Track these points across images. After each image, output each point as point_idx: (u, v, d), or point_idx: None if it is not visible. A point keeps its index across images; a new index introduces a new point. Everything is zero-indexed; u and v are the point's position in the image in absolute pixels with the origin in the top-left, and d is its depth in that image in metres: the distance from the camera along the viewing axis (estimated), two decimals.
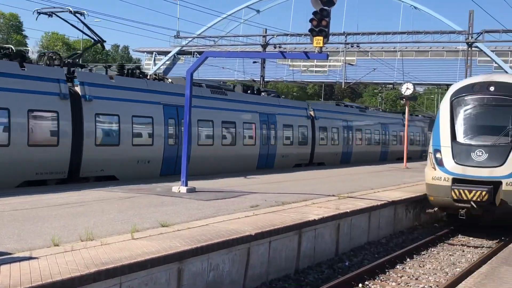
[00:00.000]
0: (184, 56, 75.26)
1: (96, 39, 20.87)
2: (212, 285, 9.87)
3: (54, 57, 19.56)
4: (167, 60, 75.90)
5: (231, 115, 24.81)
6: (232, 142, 24.88)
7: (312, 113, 31.82)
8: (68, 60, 20.00)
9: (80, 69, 19.68)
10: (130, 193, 15.30)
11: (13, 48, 18.31)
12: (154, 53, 79.36)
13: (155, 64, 77.01)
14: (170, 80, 24.33)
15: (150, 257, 8.41)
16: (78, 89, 18.19)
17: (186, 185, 16.08)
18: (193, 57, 69.50)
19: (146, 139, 20.45)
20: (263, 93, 29.88)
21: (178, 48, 72.17)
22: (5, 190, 14.93)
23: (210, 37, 63.12)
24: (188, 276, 9.28)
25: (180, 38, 59.26)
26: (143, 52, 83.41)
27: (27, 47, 63.52)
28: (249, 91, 28.61)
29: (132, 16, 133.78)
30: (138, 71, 22.38)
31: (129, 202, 13.67)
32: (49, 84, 17.16)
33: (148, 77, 22.81)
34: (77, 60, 21.02)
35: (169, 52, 75.44)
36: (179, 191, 15.90)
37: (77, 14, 19.81)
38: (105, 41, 21.22)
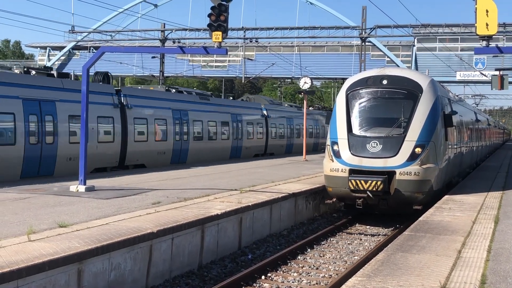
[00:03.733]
0: (80, 51, 73.13)
1: None
2: (114, 285, 9.69)
3: None
4: (62, 55, 73.53)
5: None
6: None
7: (124, 100, 24.63)
8: None
9: None
10: (25, 194, 14.74)
11: None
12: (48, 48, 76.62)
13: (49, 60, 74.42)
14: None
15: (48, 259, 8.15)
16: None
17: (85, 183, 15.67)
18: (89, 52, 67.61)
19: None
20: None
21: (73, 43, 70.03)
22: None
23: (107, 31, 61.74)
24: (88, 276, 9.07)
25: (75, 33, 57.63)
26: (36, 47, 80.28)
27: None
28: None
29: (23, 10, 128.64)
30: None
31: (25, 203, 13.17)
32: None
33: None
34: None
35: (64, 47, 73.08)
36: (77, 190, 15.48)
37: None
38: None
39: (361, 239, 15.98)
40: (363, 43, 49.73)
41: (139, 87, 31.73)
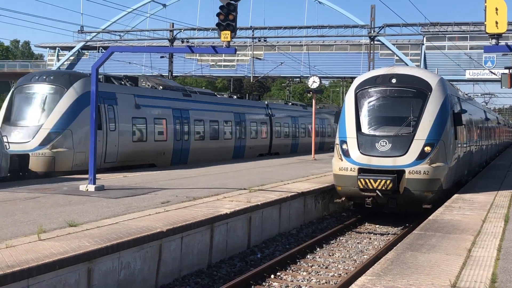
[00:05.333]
0: (89, 51, 73.42)
1: None
2: (124, 284, 9.73)
3: None
4: (71, 55, 73.82)
5: None
6: None
7: (270, 111, 37.28)
8: None
9: None
10: (35, 193, 14.80)
11: None
12: (57, 48, 76.93)
13: (58, 60, 74.70)
14: None
15: (58, 258, 8.18)
16: None
17: (94, 183, 15.72)
18: (99, 52, 67.88)
19: None
20: None
21: (82, 43, 70.29)
22: None
23: (116, 31, 61.92)
24: (98, 275, 9.10)
25: (84, 33, 57.81)
26: (46, 47, 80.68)
27: None
28: None
29: (32, 11, 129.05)
30: None
31: (35, 203, 13.23)
32: None
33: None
34: None
35: (73, 47, 73.39)
36: (87, 189, 15.53)
37: None
38: None
39: (370, 238, 15.95)
40: (371, 42, 49.63)
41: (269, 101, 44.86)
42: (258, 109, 36.21)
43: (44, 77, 21.79)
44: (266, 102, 39.55)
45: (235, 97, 36.18)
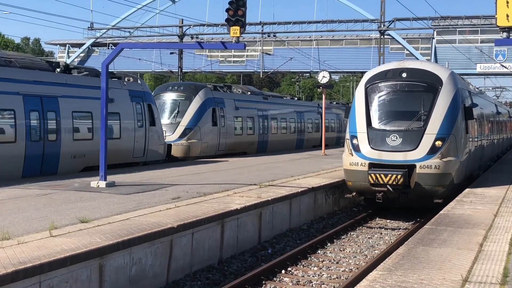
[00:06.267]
0: (99, 48, 73.60)
1: None
2: (135, 280, 9.76)
3: None
4: (81, 52, 74.01)
5: None
6: None
7: (319, 110, 41.93)
8: None
9: None
10: (47, 190, 14.87)
11: None
12: (67, 45, 77.10)
13: (68, 57, 74.92)
14: None
15: (69, 254, 8.23)
16: None
17: (105, 179, 15.76)
18: (108, 48, 68.06)
19: None
20: None
21: (92, 40, 70.48)
22: None
23: (125, 28, 62.06)
24: (110, 271, 9.14)
25: (94, 29, 57.97)
26: (56, 44, 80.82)
27: None
28: None
29: (42, 8, 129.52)
30: None
31: (46, 199, 13.29)
32: None
33: None
34: None
35: (83, 44, 73.55)
36: (98, 186, 15.57)
37: None
38: None
39: (381, 233, 15.92)
40: (381, 36, 49.44)
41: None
42: (312, 108, 43.49)
43: (176, 88, 29.19)
44: (317, 102, 47.23)
45: (296, 98, 45.89)
